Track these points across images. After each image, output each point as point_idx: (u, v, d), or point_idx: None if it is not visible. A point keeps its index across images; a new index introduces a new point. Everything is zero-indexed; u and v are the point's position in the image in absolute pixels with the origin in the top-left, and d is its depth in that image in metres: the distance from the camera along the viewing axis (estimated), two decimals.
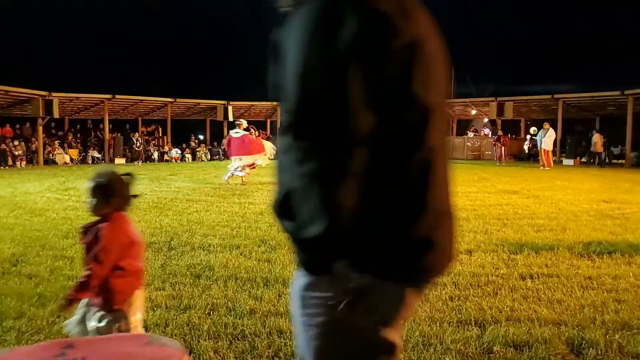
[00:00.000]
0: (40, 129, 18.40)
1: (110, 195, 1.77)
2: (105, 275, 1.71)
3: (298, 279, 0.93)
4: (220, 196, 7.76)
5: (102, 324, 1.72)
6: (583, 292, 3.02)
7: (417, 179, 0.86)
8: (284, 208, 0.84)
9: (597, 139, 17.81)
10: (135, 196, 1.86)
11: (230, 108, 23.12)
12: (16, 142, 18.07)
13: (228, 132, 11.86)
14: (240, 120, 10.51)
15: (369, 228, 0.85)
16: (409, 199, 0.86)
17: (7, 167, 16.37)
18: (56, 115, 17.92)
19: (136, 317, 1.80)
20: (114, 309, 1.74)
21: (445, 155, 0.96)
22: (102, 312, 1.74)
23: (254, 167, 9.97)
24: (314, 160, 0.79)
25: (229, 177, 9.91)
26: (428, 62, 0.87)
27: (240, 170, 9.66)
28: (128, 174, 1.86)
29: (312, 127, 0.80)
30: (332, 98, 0.78)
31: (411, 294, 0.91)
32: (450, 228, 0.97)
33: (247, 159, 9.68)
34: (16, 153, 17.56)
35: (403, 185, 0.86)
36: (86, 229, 1.79)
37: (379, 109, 0.80)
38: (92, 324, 1.74)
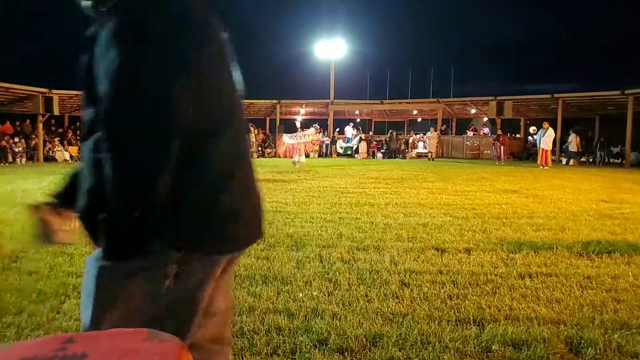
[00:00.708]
0: (41, 126, 18.38)
1: None
2: None
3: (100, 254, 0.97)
4: None
5: None
6: (582, 292, 3.02)
7: (226, 161, 0.99)
8: (96, 199, 0.91)
9: (572, 138, 18.56)
10: None
11: None
12: (16, 139, 18.05)
13: None
14: None
15: (182, 207, 0.94)
16: (218, 176, 0.98)
17: (7, 164, 16.35)
18: (56, 112, 17.91)
19: None
20: None
21: (247, 141, 1.13)
22: None
23: None
24: (131, 154, 0.86)
25: None
26: (229, 61, 1.02)
27: None
28: None
29: (129, 124, 0.86)
30: (152, 100, 0.86)
31: (223, 262, 1.03)
32: (257, 204, 1.10)
33: None
34: (16, 150, 17.54)
35: (212, 167, 0.97)
36: None
37: (196, 104, 0.90)
38: None
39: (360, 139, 23.25)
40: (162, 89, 0.86)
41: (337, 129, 25.08)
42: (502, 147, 18.50)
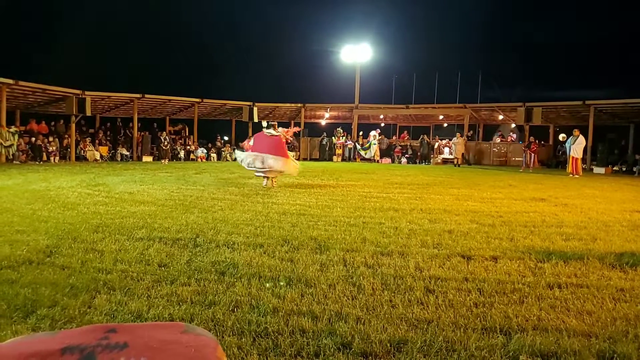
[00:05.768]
0: (73, 126, 19.07)
1: None
2: None
3: None
4: (245, 195, 7.86)
5: None
6: (615, 304, 2.91)
7: None
8: None
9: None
10: None
11: (255, 109, 23.40)
12: (50, 139, 18.78)
13: (253, 133, 11.56)
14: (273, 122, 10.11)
15: None
16: None
17: (41, 163, 17.03)
18: (88, 113, 18.57)
19: None
20: None
21: None
22: None
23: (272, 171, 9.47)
24: None
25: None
26: None
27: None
28: None
29: None
30: None
31: None
32: None
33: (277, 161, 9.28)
34: (50, 149, 18.24)
35: None
36: None
37: None
38: None
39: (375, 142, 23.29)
40: None
41: (361, 133, 25.05)
42: (532, 155, 18.08)
